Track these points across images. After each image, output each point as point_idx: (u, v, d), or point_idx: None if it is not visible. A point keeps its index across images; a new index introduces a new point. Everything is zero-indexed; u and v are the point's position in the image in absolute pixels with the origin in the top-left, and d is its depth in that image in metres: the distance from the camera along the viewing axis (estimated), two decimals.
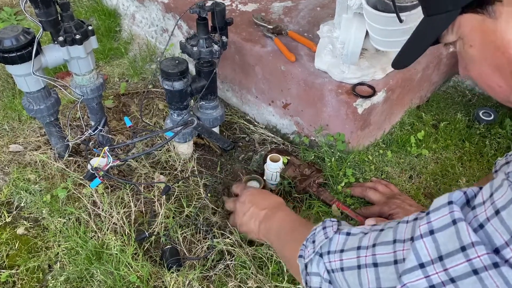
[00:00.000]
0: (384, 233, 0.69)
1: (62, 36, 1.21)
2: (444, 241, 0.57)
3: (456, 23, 0.68)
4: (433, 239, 0.58)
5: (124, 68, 1.95)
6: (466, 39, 0.68)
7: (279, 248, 1.03)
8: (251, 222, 1.13)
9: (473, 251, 0.54)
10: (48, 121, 1.38)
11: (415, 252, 0.59)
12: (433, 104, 1.68)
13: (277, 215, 1.09)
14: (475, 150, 1.49)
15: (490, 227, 0.54)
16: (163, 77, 1.29)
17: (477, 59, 0.69)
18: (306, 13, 1.66)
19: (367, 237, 0.72)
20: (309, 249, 0.80)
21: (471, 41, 0.68)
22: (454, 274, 0.55)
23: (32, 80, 1.24)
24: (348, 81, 1.36)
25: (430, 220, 0.60)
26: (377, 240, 0.69)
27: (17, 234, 1.30)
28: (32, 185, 1.40)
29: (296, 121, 1.53)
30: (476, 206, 0.58)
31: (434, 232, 0.58)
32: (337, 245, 0.76)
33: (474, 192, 0.60)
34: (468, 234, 0.55)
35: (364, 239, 0.72)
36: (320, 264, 0.77)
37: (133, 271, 1.15)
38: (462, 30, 0.68)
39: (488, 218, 0.55)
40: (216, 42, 1.31)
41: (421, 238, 0.59)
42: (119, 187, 1.40)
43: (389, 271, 0.65)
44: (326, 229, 0.81)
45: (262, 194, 1.22)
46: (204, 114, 1.47)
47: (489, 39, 0.64)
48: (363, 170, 1.42)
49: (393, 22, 1.10)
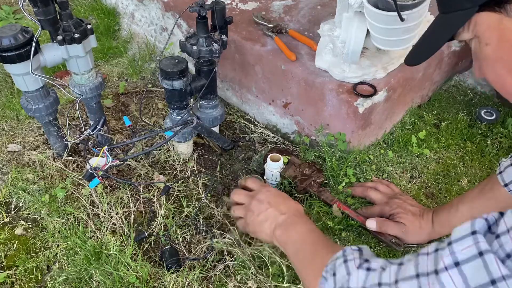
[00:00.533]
0: (404, 268, 0.67)
1: (60, 35, 1.21)
2: (472, 274, 0.55)
3: (472, 21, 0.68)
4: (459, 272, 0.56)
5: (123, 67, 1.95)
6: (482, 38, 0.68)
7: (296, 265, 0.99)
8: (266, 223, 1.08)
9: (503, 284, 0.52)
10: (47, 121, 1.38)
11: (441, 286, 0.57)
12: (435, 103, 1.68)
13: (298, 227, 1.03)
14: (476, 150, 1.49)
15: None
16: (162, 76, 1.29)
17: (492, 58, 0.68)
18: (307, 11, 1.66)
19: (387, 272, 0.69)
20: (329, 283, 0.78)
21: (487, 40, 0.67)
22: None
23: (31, 79, 1.24)
24: (349, 80, 1.36)
25: (454, 251, 0.57)
26: (398, 276, 0.66)
27: (15, 235, 1.30)
28: (31, 185, 1.40)
29: (296, 121, 1.53)
30: (501, 235, 0.55)
31: (460, 264, 0.56)
32: (357, 282, 0.73)
33: (495, 218, 0.59)
34: (498, 268, 0.53)
35: (384, 274, 0.69)
36: None
37: (132, 271, 1.15)
38: (478, 28, 0.67)
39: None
40: (216, 41, 1.31)
41: (446, 271, 0.57)
42: (118, 187, 1.40)
43: None
44: (348, 263, 0.78)
45: (283, 196, 1.15)
46: (204, 114, 1.47)
47: (505, 38, 0.64)
48: (364, 170, 1.42)
49: (394, 20, 1.10)
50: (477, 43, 0.70)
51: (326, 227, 1.26)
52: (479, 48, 0.69)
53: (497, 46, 0.66)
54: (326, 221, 1.27)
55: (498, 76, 0.69)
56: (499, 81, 0.70)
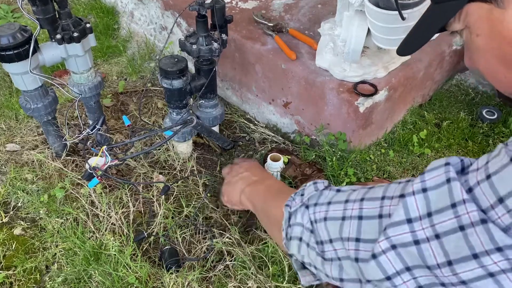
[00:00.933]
0: (373, 190, 0.70)
1: (59, 34, 1.21)
2: (436, 199, 0.58)
3: (463, 12, 0.68)
4: (425, 197, 0.59)
5: (122, 66, 1.95)
6: (473, 28, 0.68)
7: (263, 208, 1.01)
8: (239, 183, 1.11)
9: (463, 208, 0.54)
10: (46, 120, 1.38)
11: (404, 206, 0.60)
12: (436, 102, 1.68)
13: (267, 182, 1.07)
14: (478, 150, 1.49)
15: (478, 191, 0.55)
16: (162, 76, 1.29)
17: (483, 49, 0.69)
18: (307, 10, 1.66)
19: (355, 193, 0.73)
20: (296, 201, 0.81)
21: (478, 30, 0.68)
22: (440, 230, 0.56)
23: (29, 78, 1.24)
24: (349, 79, 1.36)
25: (424, 179, 0.60)
26: (365, 195, 0.70)
27: (14, 235, 1.30)
28: (29, 185, 1.40)
29: (297, 120, 1.53)
30: (470, 172, 0.58)
31: (427, 190, 0.59)
32: (325, 198, 0.77)
33: (470, 162, 0.61)
34: (461, 193, 0.55)
35: (353, 194, 0.73)
36: (304, 215, 0.78)
37: (132, 272, 1.15)
38: (469, 19, 0.68)
39: (478, 182, 0.56)
40: (215, 40, 1.31)
41: (413, 195, 0.60)
42: (117, 187, 1.40)
43: (371, 224, 0.66)
44: (317, 185, 0.82)
45: (261, 167, 1.19)
46: (204, 113, 1.47)
47: (496, 29, 0.65)
48: (365, 169, 1.42)
49: (395, 19, 1.10)
50: (468, 34, 0.70)
51: None
52: (470, 39, 0.70)
53: (487, 37, 0.67)
54: None
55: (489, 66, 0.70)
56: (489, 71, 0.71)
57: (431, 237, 0.57)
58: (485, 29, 0.66)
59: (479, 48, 0.70)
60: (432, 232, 0.57)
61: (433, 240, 0.56)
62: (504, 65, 0.67)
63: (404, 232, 0.59)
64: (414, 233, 0.58)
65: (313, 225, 0.76)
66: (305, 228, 0.77)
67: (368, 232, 0.66)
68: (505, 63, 0.67)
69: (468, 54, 0.74)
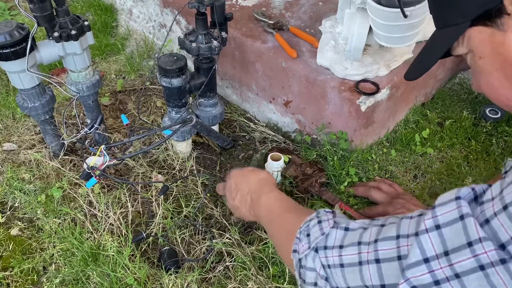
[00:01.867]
0: (386, 229, 0.70)
1: (57, 32, 1.21)
2: (451, 236, 0.57)
3: (466, 36, 0.71)
4: (439, 234, 0.58)
5: (121, 64, 1.95)
6: (476, 51, 0.71)
7: (270, 235, 1.04)
8: (242, 207, 1.11)
9: (480, 246, 0.54)
10: (43, 119, 1.38)
11: (419, 246, 0.59)
12: (439, 101, 1.67)
13: (262, 202, 1.05)
14: (481, 149, 1.49)
15: (496, 222, 0.55)
16: (161, 74, 1.29)
17: (486, 71, 0.72)
18: (308, 8, 1.66)
19: (368, 232, 0.72)
20: (303, 244, 0.80)
21: (481, 53, 0.71)
22: (460, 270, 0.56)
23: (27, 76, 1.24)
24: (351, 77, 1.36)
25: (436, 215, 0.60)
26: (379, 236, 0.69)
27: (11, 235, 1.30)
28: (27, 184, 1.40)
29: (297, 119, 1.53)
30: (485, 202, 0.58)
31: (441, 227, 0.59)
32: (335, 240, 0.76)
33: (483, 189, 0.61)
34: (476, 230, 0.55)
35: (365, 234, 0.72)
36: (316, 259, 0.77)
37: (130, 273, 1.15)
38: (472, 43, 0.71)
39: (495, 213, 0.55)
40: (215, 38, 1.31)
41: (427, 233, 0.59)
42: (115, 186, 1.40)
43: (392, 267, 0.65)
44: (322, 224, 0.80)
45: (243, 175, 1.16)
46: (203, 112, 1.47)
47: (498, 51, 0.67)
48: (367, 169, 1.42)
49: (397, 17, 1.10)
50: (472, 57, 0.73)
51: None
52: (474, 62, 0.73)
53: (490, 60, 0.70)
54: None
55: (492, 88, 0.73)
56: (493, 93, 0.74)
57: (451, 277, 0.56)
58: (487, 51, 0.69)
59: (482, 70, 0.72)
60: (451, 271, 0.56)
61: (454, 279, 0.56)
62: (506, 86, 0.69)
63: (423, 273, 0.58)
64: (433, 273, 0.58)
65: (327, 271, 0.75)
66: (319, 275, 0.76)
67: (390, 275, 0.65)
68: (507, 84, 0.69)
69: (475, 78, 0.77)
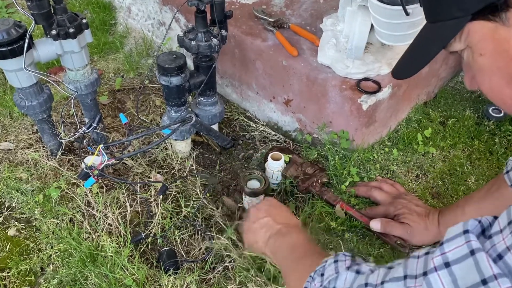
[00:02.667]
0: (393, 270, 0.66)
1: (55, 30, 1.20)
2: (462, 274, 0.54)
3: (465, 31, 0.66)
4: (449, 272, 0.55)
5: (119, 63, 1.95)
6: (475, 48, 0.67)
7: (285, 271, 0.99)
8: (261, 231, 1.08)
9: (495, 284, 0.51)
10: (41, 118, 1.38)
11: (429, 287, 0.56)
12: (441, 100, 1.67)
13: (292, 236, 1.03)
14: (484, 148, 1.49)
15: (510, 257, 0.52)
16: (160, 72, 1.29)
17: (487, 69, 0.67)
18: (309, 5, 1.65)
19: (375, 274, 0.68)
20: (316, 282, 0.78)
21: (482, 50, 0.66)
22: None
23: (24, 75, 1.24)
24: (352, 76, 1.35)
25: (444, 251, 0.56)
26: (386, 277, 0.65)
27: (8, 236, 1.30)
28: (24, 184, 1.40)
29: (298, 118, 1.53)
30: (493, 235, 0.55)
31: (450, 265, 0.55)
32: (344, 282, 0.73)
33: (489, 221, 0.58)
34: (489, 266, 0.52)
35: (371, 276, 0.69)
36: None
37: (129, 274, 1.15)
38: (471, 39, 0.66)
39: (508, 247, 0.52)
40: (215, 36, 1.31)
41: (435, 271, 0.56)
42: (114, 186, 1.40)
43: None
44: (338, 263, 0.78)
45: (282, 208, 1.17)
46: (203, 111, 1.47)
47: (502, 48, 0.63)
48: (368, 169, 1.42)
49: (399, 15, 1.09)
50: (470, 54, 0.68)
51: (329, 228, 1.26)
52: (473, 59, 0.68)
53: (492, 57, 0.65)
54: (329, 221, 1.27)
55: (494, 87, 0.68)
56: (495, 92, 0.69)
57: None
58: (490, 48, 0.64)
59: (483, 68, 0.67)
60: None
61: None
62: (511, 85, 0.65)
63: None
64: None
65: None
66: None
67: None
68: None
69: (469, 75, 0.72)
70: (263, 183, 1.31)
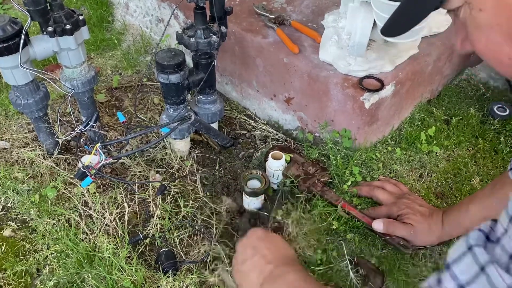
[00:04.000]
0: None
1: (51, 27, 1.20)
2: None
3: None
4: None
5: (117, 60, 1.95)
6: (474, 3, 0.64)
7: None
8: (253, 275, 0.98)
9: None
10: (37, 117, 1.38)
11: None
12: (445, 98, 1.67)
13: (287, 277, 0.93)
14: (489, 147, 1.49)
15: None
16: (158, 70, 1.28)
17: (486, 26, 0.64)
18: (310, 1, 1.65)
19: None
20: None
21: (481, 5, 0.63)
22: None
23: (20, 73, 1.24)
24: (354, 74, 1.35)
25: (455, 275, 0.56)
26: None
27: (3, 236, 1.30)
28: (20, 184, 1.40)
29: (299, 116, 1.53)
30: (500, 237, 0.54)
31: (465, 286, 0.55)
32: None
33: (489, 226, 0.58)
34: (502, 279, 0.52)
35: None
36: None
37: (127, 275, 1.15)
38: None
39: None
40: (214, 33, 1.31)
41: None
42: (111, 186, 1.40)
43: None
44: None
45: (270, 240, 1.05)
46: (202, 109, 1.47)
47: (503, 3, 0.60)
48: (371, 168, 1.42)
49: None
50: (467, 10, 0.65)
51: (331, 228, 1.26)
52: (471, 15, 0.65)
53: (493, 12, 0.62)
54: (331, 222, 1.27)
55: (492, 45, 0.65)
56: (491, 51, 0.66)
57: None
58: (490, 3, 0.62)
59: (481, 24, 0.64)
60: None
61: None
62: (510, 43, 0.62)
63: None
64: None
65: None
66: None
67: None
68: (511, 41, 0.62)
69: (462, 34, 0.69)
70: (264, 183, 1.30)
